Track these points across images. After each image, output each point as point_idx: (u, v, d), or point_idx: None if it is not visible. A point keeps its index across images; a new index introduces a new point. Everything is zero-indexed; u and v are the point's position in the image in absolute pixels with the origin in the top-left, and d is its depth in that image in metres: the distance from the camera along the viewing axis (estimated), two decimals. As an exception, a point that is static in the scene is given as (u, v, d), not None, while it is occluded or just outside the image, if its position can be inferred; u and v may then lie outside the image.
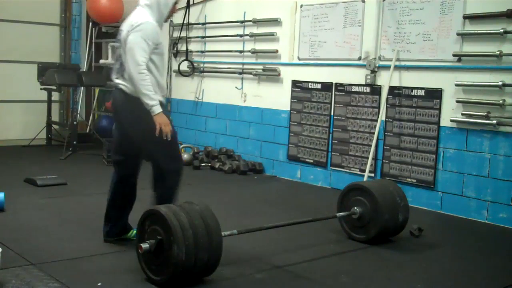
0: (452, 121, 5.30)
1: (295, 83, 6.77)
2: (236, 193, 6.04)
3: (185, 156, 7.22)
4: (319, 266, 3.79)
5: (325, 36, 6.40)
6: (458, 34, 5.22)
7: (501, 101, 4.93)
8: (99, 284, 3.22)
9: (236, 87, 7.50)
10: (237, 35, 7.38)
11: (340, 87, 6.28)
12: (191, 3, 7.96)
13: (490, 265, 3.98)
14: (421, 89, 5.54)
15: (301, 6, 6.63)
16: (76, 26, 9.57)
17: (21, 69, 8.81)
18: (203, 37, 7.93)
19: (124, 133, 3.86)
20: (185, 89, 8.22)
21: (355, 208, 4.28)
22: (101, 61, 9.11)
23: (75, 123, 7.89)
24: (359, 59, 6.06)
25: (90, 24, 9.29)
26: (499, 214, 5.02)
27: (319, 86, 6.50)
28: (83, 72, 8.58)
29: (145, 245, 3.19)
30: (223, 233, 3.35)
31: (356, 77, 6.11)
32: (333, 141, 6.37)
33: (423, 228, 4.56)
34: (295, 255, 3.97)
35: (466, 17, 5.16)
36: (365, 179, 5.71)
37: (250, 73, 7.24)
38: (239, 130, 7.50)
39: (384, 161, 5.87)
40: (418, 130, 5.58)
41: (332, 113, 6.37)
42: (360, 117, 6.09)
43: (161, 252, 3.18)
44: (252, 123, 7.33)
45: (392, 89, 5.76)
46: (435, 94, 5.43)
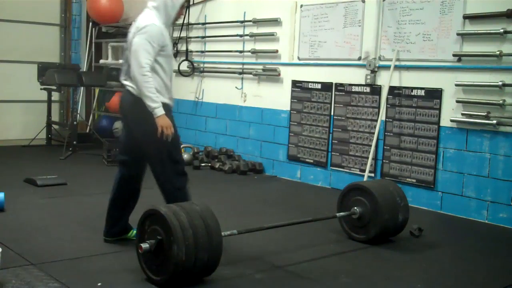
0: (452, 121, 5.30)
1: (295, 83, 6.77)
2: (236, 193, 6.04)
3: (185, 156, 7.21)
4: (319, 266, 3.78)
5: (325, 36, 6.40)
6: (458, 34, 5.22)
7: (501, 101, 4.93)
8: (99, 284, 3.22)
9: (236, 87, 7.50)
10: (237, 35, 7.38)
11: (340, 87, 6.28)
12: (191, 3, 7.96)
13: (490, 265, 3.98)
14: (421, 89, 5.54)
15: (301, 6, 6.63)
16: (76, 26, 9.58)
17: (21, 69, 8.81)
18: (203, 37, 7.93)
19: (130, 133, 3.89)
20: (185, 89, 8.22)
21: (355, 208, 4.29)
22: (101, 61, 9.12)
23: (75, 123, 7.89)
24: (359, 59, 6.06)
25: (90, 24, 9.31)
26: (499, 214, 5.02)
27: (319, 86, 6.50)
28: (83, 72, 8.59)
29: (145, 245, 3.19)
30: (223, 233, 3.35)
31: (356, 77, 6.11)
32: (333, 141, 6.37)
33: (423, 228, 4.56)
34: (295, 255, 3.97)
35: (466, 17, 5.17)
36: (365, 179, 5.71)
37: (250, 73, 7.24)
38: (239, 130, 7.50)
39: (384, 161, 5.87)
40: (418, 130, 5.58)
41: (332, 113, 6.37)
42: (360, 117, 6.09)
43: (161, 252, 3.18)
44: (252, 123, 7.33)
45: (392, 89, 5.76)
46: (435, 94, 5.43)
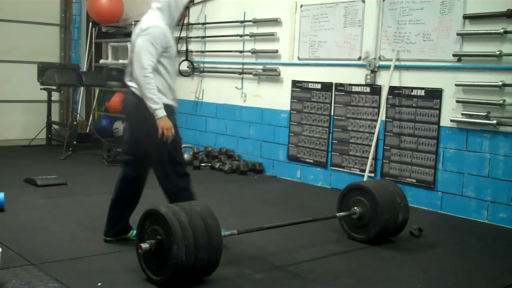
0: (452, 121, 5.30)
1: (295, 83, 6.77)
2: (236, 193, 6.04)
3: (185, 156, 7.20)
4: (319, 266, 3.78)
5: (325, 36, 6.40)
6: (458, 34, 5.22)
7: (501, 101, 4.93)
8: (99, 284, 3.22)
9: (236, 87, 7.50)
10: (237, 35, 7.38)
11: (340, 87, 6.28)
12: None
13: (490, 265, 3.98)
14: (421, 89, 5.54)
15: (301, 6, 6.63)
16: (76, 26, 9.58)
17: (21, 69, 8.81)
18: (203, 37, 7.93)
19: (133, 134, 3.90)
20: (185, 89, 8.21)
21: (355, 208, 4.28)
22: (101, 61, 9.12)
23: (75, 123, 7.89)
24: (359, 59, 6.06)
25: (90, 24, 9.31)
26: (499, 214, 5.02)
27: (319, 86, 6.50)
28: (83, 72, 8.59)
29: (145, 245, 3.19)
30: (223, 233, 3.35)
31: (356, 77, 6.11)
32: (333, 141, 6.37)
33: (423, 228, 4.56)
34: (295, 255, 3.97)
35: (466, 17, 5.16)
36: (365, 179, 5.71)
37: (250, 73, 7.24)
38: (239, 130, 7.50)
39: (384, 161, 5.87)
40: (418, 130, 5.58)
41: (332, 113, 6.37)
42: (360, 117, 6.09)
43: (161, 252, 3.18)
44: (252, 123, 7.33)
45: (392, 89, 5.76)
46: (435, 94, 5.43)
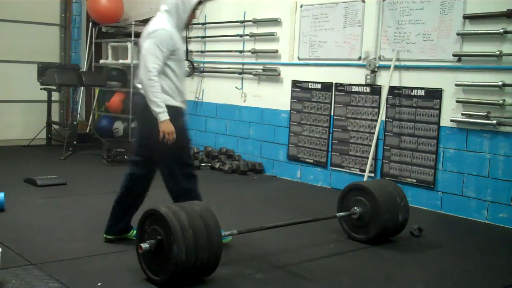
0: (452, 121, 5.30)
1: (295, 83, 6.77)
2: (236, 193, 6.04)
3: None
4: (319, 266, 3.78)
5: (325, 36, 6.40)
6: (458, 34, 5.22)
7: (501, 101, 4.93)
8: (99, 284, 3.22)
9: (236, 87, 7.50)
10: (237, 35, 7.38)
11: (340, 87, 6.28)
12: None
13: (490, 265, 3.98)
14: (421, 89, 5.54)
15: (301, 6, 6.63)
16: (76, 26, 9.58)
17: (21, 69, 8.81)
18: (203, 37, 7.93)
19: (142, 135, 3.91)
20: (185, 89, 8.20)
21: (355, 208, 4.28)
22: (101, 61, 9.12)
23: (75, 123, 7.90)
24: (359, 59, 6.06)
25: (90, 24, 9.30)
26: (499, 214, 5.02)
27: (319, 86, 6.50)
28: (83, 72, 8.59)
29: (145, 245, 3.19)
30: (223, 233, 3.35)
31: (356, 77, 6.11)
32: (333, 141, 6.37)
33: (423, 228, 4.56)
34: (295, 255, 3.97)
35: (466, 17, 5.16)
36: (365, 179, 5.71)
37: (250, 73, 7.24)
38: (239, 130, 7.50)
39: (384, 161, 5.87)
40: (418, 130, 5.58)
41: (332, 113, 6.37)
42: (360, 117, 6.09)
43: (161, 252, 3.18)
44: (252, 123, 7.33)
45: (392, 89, 5.76)
46: (435, 94, 5.43)
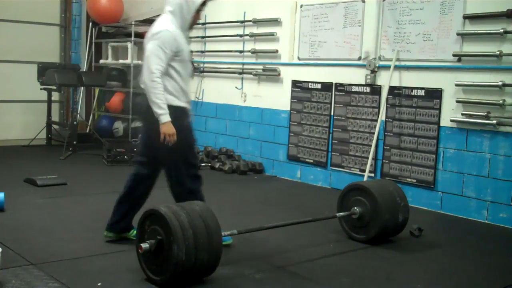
0: (452, 121, 5.30)
1: (295, 83, 6.77)
2: (236, 193, 6.04)
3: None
4: (319, 266, 3.78)
5: (325, 36, 6.40)
6: (458, 34, 5.22)
7: (501, 101, 4.93)
8: (99, 284, 3.22)
9: (236, 87, 7.50)
10: (237, 35, 7.38)
11: (340, 87, 6.28)
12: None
13: (490, 265, 3.98)
14: (421, 89, 5.54)
15: (301, 6, 6.63)
16: (76, 26, 9.57)
17: (21, 69, 8.81)
18: (203, 37, 7.93)
19: (147, 135, 3.92)
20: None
21: (355, 208, 4.28)
22: (101, 61, 9.12)
23: (75, 123, 7.90)
24: (359, 59, 6.06)
25: (90, 24, 9.30)
26: (499, 214, 5.02)
27: (319, 86, 6.50)
28: (83, 72, 8.59)
29: (145, 245, 3.19)
30: (223, 233, 3.35)
31: (356, 77, 6.11)
32: (333, 141, 6.37)
33: (423, 228, 4.56)
34: (295, 255, 3.97)
35: (466, 17, 5.17)
36: (365, 179, 5.71)
37: (250, 73, 7.24)
38: (239, 130, 7.50)
39: (384, 161, 5.87)
40: (418, 130, 5.58)
41: (332, 113, 6.37)
42: (360, 117, 6.09)
43: (161, 252, 3.18)
44: (252, 123, 7.33)
45: (392, 89, 5.76)
46: (435, 94, 5.43)
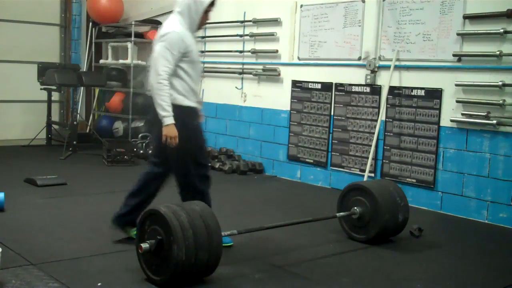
0: (452, 121, 5.30)
1: (295, 83, 6.77)
2: (236, 193, 6.04)
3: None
4: (319, 266, 3.78)
5: (325, 36, 6.40)
6: (458, 34, 5.22)
7: (501, 101, 4.93)
8: (99, 284, 3.22)
9: (236, 87, 7.50)
10: (237, 35, 7.38)
11: (340, 87, 6.28)
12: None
13: (490, 265, 3.98)
14: (421, 89, 5.54)
15: (301, 6, 6.63)
16: (76, 26, 9.58)
17: (21, 69, 8.81)
18: (203, 37, 7.92)
19: (159, 137, 3.91)
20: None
21: (355, 208, 4.28)
22: (101, 61, 9.12)
23: (75, 123, 7.90)
24: (359, 59, 6.06)
25: (90, 24, 9.31)
26: (499, 214, 5.02)
27: (319, 86, 6.50)
28: (83, 72, 8.59)
29: (145, 245, 3.19)
30: (223, 233, 3.35)
31: (356, 77, 6.11)
32: (333, 141, 6.37)
33: (423, 228, 4.56)
34: (295, 255, 3.97)
35: (466, 17, 5.17)
36: (365, 179, 5.71)
37: (250, 73, 7.24)
38: (239, 130, 7.50)
39: (384, 161, 5.87)
40: (418, 130, 5.58)
41: (332, 113, 6.37)
42: (360, 117, 6.09)
43: (161, 252, 3.18)
44: (252, 123, 7.33)
45: (392, 89, 5.76)
46: (435, 94, 5.43)
